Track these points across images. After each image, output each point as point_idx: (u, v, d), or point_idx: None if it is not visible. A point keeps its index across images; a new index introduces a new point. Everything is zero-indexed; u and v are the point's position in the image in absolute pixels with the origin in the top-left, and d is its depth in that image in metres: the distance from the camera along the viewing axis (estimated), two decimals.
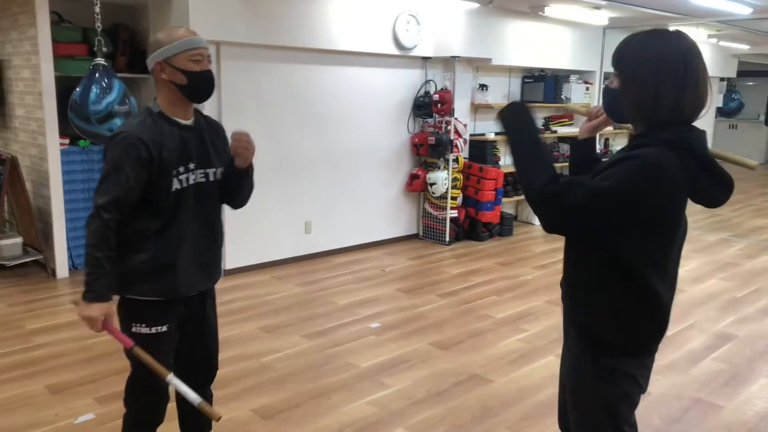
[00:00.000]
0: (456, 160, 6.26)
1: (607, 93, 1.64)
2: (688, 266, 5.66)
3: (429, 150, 6.17)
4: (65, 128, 4.51)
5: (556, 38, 7.32)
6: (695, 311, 4.54)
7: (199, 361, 2.22)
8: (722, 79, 11.62)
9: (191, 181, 2.02)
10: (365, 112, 5.90)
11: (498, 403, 3.15)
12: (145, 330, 2.01)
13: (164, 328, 2.03)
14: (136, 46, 5.26)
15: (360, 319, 4.26)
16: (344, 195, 5.90)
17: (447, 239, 6.26)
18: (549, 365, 3.58)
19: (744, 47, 10.51)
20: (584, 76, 7.91)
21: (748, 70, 12.84)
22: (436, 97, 6.06)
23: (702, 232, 7.22)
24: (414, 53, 5.98)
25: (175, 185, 1.98)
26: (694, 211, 8.42)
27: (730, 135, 13.58)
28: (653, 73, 1.51)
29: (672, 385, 3.38)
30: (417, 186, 6.28)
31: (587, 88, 7.88)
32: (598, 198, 1.46)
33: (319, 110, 5.56)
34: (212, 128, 2.15)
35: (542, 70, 7.39)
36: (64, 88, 4.53)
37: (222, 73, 4.82)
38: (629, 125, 1.64)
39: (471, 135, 6.71)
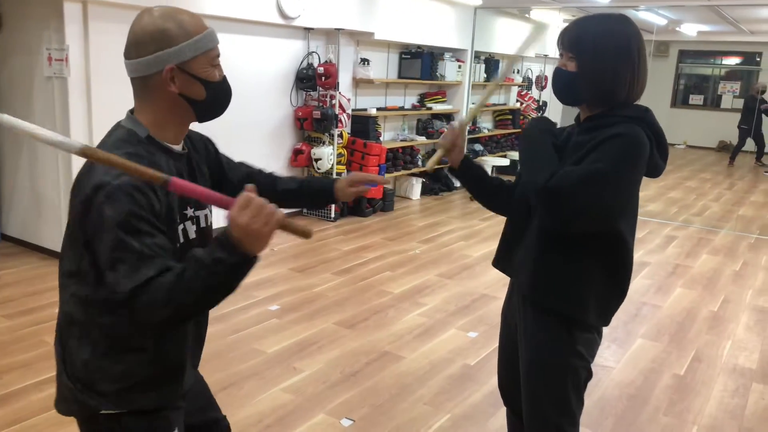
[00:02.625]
0: (341, 135, 6.18)
1: (561, 75, 1.65)
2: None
3: (313, 124, 6.02)
4: None
5: (434, 16, 7.43)
6: None
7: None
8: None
9: (193, 234, 1.41)
10: (245, 84, 5.61)
11: (413, 380, 3.18)
12: None
13: None
14: None
15: (258, 301, 4.09)
16: None
17: (332, 215, 6.19)
18: (453, 338, 3.67)
19: None
20: (457, 54, 8.14)
21: None
22: (320, 69, 5.91)
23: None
24: (297, 23, 5.76)
25: (180, 240, 1.37)
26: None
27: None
28: (613, 56, 1.57)
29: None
30: (301, 161, 6.12)
31: (459, 66, 8.12)
32: (598, 182, 1.48)
33: None
34: (196, 148, 1.53)
35: (419, 46, 7.48)
36: None
37: (91, 36, 4.30)
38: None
39: (353, 110, 6.65)
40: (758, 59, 13.71)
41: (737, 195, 8.86)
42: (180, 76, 1.31)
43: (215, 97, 1.38)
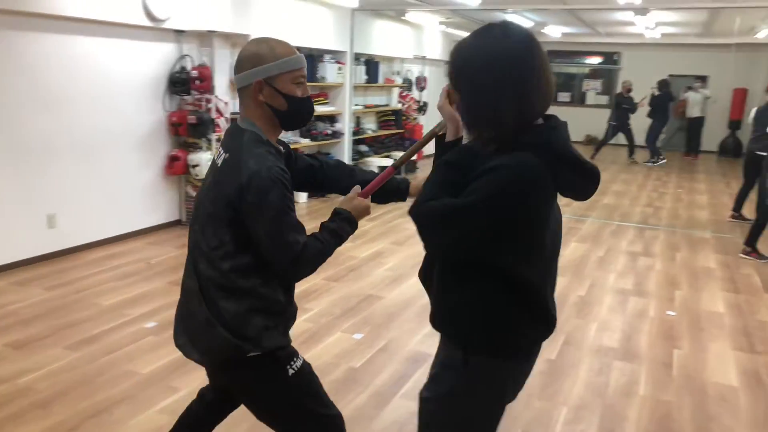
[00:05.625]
0: (219, 140, 5.99)
1: (460, 112, 1.51)
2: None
3: (189, 130, 5.80)
4: None
5: (311, 18, 7.41)
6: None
7: None
8: (446, 63, 12.97)
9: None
10: (113, 89, 5.30)
11: None
12: (300, 362, 1.81)
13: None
14: None
15: (132, 319, 3.87)
16: (94, 182, 5.26)
17: None
18: (339, 342, 3.66)
19: (464, 34, 11.85)
20: (337, 56, 8.16)
21: None
22: (194, 73, 5.71)
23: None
24: (166, 26, 5.52)
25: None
26: None
27: None
28: (484, 80, 1.40)
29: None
30: (178, 169, 5.87)
31: (339, 68, 8.15)
32: (460, 216, 1.39)
33: (57, 87, 4.83)
34: (283, 146, 1.88)
35: (298, 48, 7.39)
36: None
37: None
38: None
39: (232, 114, 6.47)
40: (616, 59, 14.86)
41: (602, 186, 9.54)
42: (267, 89, 1.69)
43: (296, 110, 1.73)
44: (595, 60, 15.41)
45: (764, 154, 5.97)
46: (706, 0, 7.04)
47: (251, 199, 1.60)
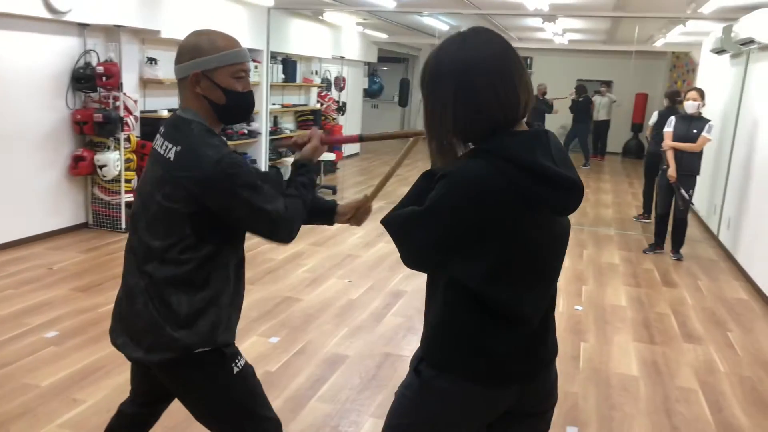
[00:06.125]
0: (128, 140, 5.74)
1: None
2: (359, 233, 6.27)
3: (95, 128, 5.52)
4: None
5: (226, 15, 7.23)
6: (372, 274, 5.07)
7: None
8: (366, 64, 13.02)
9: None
10: (7, 85, 4.97)
11: None
12: (243, 362, 1.80)
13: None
14: None
15: (31, 329, 3.64)
16: None
17: (123, 226, 5.74)
18: (255, 346, 3.59)
19: (383, 36, 11.95)
20: (253, 54, 8.00)
21: (385, 57, 14.68)
22: (100, 69, 5.43)
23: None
24: (68, 18, 5.23)
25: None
26: (357, 182, 9.33)
27: (373, 114, 15.36)
28: (439, 89, 1.35)
29: (364, 345, 3.73)
30: (83, 169, 5.58)
31: (256, 67, 8.00)
32: (412, 224, 1.40)
33: None
34: None
35: None
36: None
37: None
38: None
39: (142, 112, 6.22)
40: (529, 62, 15.41)
41: None
42: (204, 82, 1.67)
43: (234, 104, 1.71)
44: None
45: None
46: (607, 9, 7.42)
47: (221, 186, 1.60)
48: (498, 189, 1.29)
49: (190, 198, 1.61)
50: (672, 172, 5.69)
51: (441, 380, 1.43)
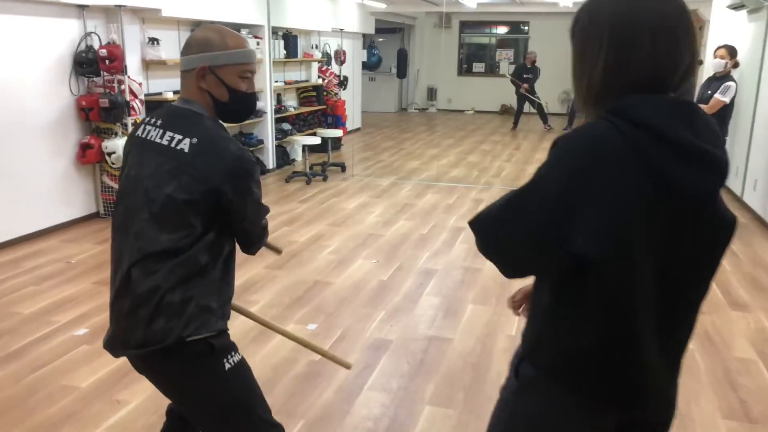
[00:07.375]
0: (135, 124, 5.54)
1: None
2: (376, 211, 6.13)
3: (102, 114, 5.32)
4: None
5: None
6: (397, 253, 4.94)
7: None
8: (364, 36, 12.72)
9: None
10: (8, 72, 4.75)
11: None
12: (238, 357, 1.73)
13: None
14: None
15: (59, 327, 3.51)
16: None
17: None
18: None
19: (381, 6, 11.64)
20: (254, 30, 7.75)
21: (382, 28, 14.34)
22: (103, 52, 5.21)
23: (374, 177, 7.88)
24: (67, 0, 4.99)
25: None
26: (364, 158, 9.15)
27: (370, 86, 15.07)
28: (585, 38, 1.18)
29: (405, 328, 3.61)
30: (91, 157, 5.39)
31: (258, 43, 7.75)
32: (511, 210, 1.18)
33: None
34: None
35: (212, 23, 6.96)
36: None
37: None
38: None
39: (146, 95, 6.01)
40: (524, 27, 15.13)
41: (525, 154, 9.73)
42: (210, 77, 1.65)
43: (236, 104, 1.69)
44: (504, 29, 15.63)
45: None
46: None
47: (241, 182, 1.62)
48: (614, 152, 1.07)
49: (211, 191, 1.58)
50: None
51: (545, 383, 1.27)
